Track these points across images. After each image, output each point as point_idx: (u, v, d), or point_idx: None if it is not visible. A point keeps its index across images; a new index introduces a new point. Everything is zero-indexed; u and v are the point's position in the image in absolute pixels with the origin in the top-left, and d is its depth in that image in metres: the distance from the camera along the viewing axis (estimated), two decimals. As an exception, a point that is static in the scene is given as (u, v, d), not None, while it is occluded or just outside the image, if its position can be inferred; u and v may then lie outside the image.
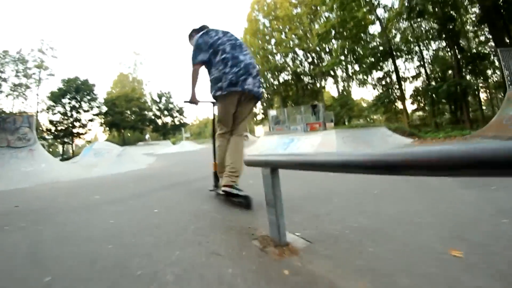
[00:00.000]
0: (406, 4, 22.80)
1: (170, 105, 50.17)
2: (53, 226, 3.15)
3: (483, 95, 31.39)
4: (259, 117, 47.79)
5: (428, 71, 29.61)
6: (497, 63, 23.92)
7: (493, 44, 22.15)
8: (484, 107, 30.72)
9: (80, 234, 2.77)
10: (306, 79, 43.94)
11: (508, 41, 20.00)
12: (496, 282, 1.33)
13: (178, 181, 6.31)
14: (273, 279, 1.48)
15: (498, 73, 25.60)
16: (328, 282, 1.41)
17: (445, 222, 2.21)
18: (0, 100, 36.34)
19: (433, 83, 27.27)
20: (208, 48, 3.30)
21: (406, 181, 3.74)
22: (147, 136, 44.21)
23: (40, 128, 38.20)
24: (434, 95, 25.39)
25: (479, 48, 26.80)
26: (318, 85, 43.10)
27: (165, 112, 50.05)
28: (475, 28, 26.79)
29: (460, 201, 2.74)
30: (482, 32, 26.75)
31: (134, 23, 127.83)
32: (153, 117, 49.03)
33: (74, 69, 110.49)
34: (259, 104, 46.07)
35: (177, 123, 50.54)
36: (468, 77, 24.25)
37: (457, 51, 23.81)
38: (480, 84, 27.76)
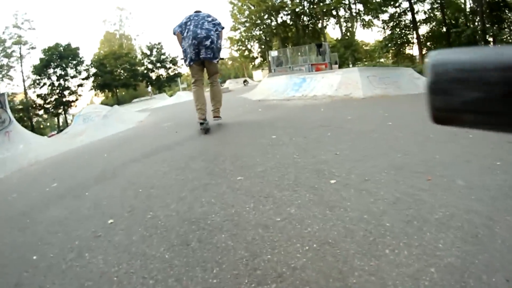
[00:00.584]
0: None
1: (163, 57, 46.88)
2: None
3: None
4: (257, 61, 45.30)
5: (439, 16, 26.99)
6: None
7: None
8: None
9: None
10: (306, 19, 40.70)
11: None
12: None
13: (164, 143, 5.01)
14: None
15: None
16: None
17: None
18: None
19: (446, 28, 24.95)
20: (182, 25, 4.89)
21: None
22: (149, 89, 41.92)
23: (31, 105, 36.41)
24: (451, 41, 23.12)
25: None
26: (319, 25, 39.93)
27: (158, 65, 46.98)
28: None
29: None
30: None
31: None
32: (145, 71, 46.31)
33: (56, 36, 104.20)
34: (256, 47, 43.49)
35: (172, 74, 47.66)
36: (488, 26, 21.73)
37: None
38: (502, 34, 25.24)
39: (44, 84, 36.54)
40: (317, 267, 1.35)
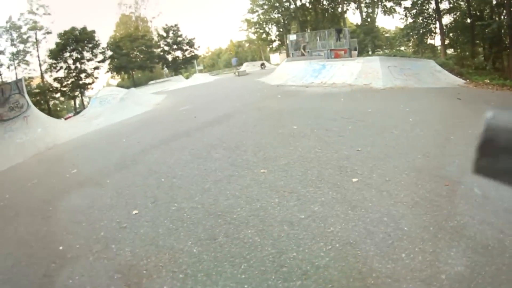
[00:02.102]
0: None
1: (179, 39, 46.67)
2: None
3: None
4: (275, 44, 44.73)
5: (464, 6, 25.91)
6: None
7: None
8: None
9: None
10: (326, 3, 39.77)
11: None
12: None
13: (182, 129, 4.99)
14: None
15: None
16: None
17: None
18: (2, 73, 34.70)
19: (470, 19, 23.97)
20: None
21: None
22: (166, 71, 42.01)
23: (48, 89, 37.16)
24: (476, 33, 21.99)
25: None
26: (339, 9, 38.99)
27: (174, 47, 47.02)
28: None
29: None
30: None
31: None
32: (161, 53, 46.39)
33: (72, 20, 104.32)
34: (274, 30, 43.11)
35: (188, 56, 47.72)
36: None
37: None
38: None
39: (61, 67, 36.76)
40: (339, 266, 1.37)
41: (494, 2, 22.53)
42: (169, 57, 45.81)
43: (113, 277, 1.51)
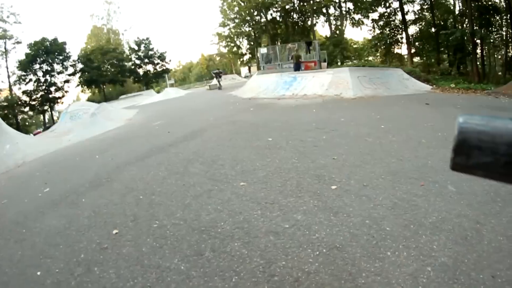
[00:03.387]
0: None
1: (150, 52, 46.13)
2: None
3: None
4: (246, 57, 45.24)
5: (429, 17, 27.33)
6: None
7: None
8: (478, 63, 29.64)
9: None
10: (296, 16, 40.79)
11: None
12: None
13: (157, 144, 4.96)
14: None
15: (500, 30, 24.00)
16: None
17: None
18: None
19: (433, 29, 25.38)
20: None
21: None
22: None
23: (17, 102, 35.53)
24: (440, 42, 23.54)
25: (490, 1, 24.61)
26: (309, 23, 40.08)
27: (146, 60, 46.27)
28: None
29: None
30: None
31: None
32: (133, 67, 45.60)
33: (43, 30, 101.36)
34: (245, 43, 43.68)
35: (160, 70, 46.98)
36: (477, 28, 22.27)
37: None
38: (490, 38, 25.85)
39: (30, 80, 35.41)
40: (329, 270, 1.42)
41: (457, 12, 23.94)
42: (140, 71, 45.34)
43: None
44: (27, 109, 36.40)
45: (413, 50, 28.42)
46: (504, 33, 23.69)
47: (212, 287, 1.39)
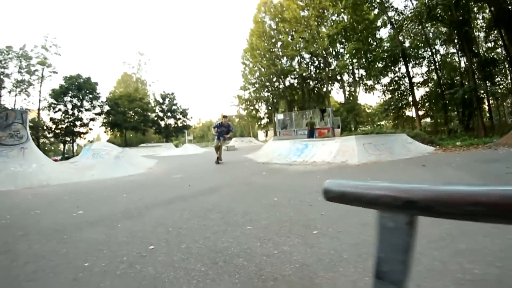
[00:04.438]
0: (423, 6, 21.75)
1: (174, 107, 48.82)
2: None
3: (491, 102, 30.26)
4: (264, 121, 47.02)
5: (436, 77, 28.63)
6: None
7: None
8: (488, 114, 29.67)
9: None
10: (312, 83, 43.09)
11: None
12: None
13: (179, 194, 5.66)
14: None
15: (505, 79, 25.03)
16: None
17: None
18: (3, 96, 35.59)
19: (440, 89, 26.47)
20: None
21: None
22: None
23: (42, 126, 37.38)
24: (447, 101, 24.52)
25: (490, 53, 25.45)
26: (324, 89, 42.23)
27: (168, 114, 48.74)
28: (485, 33, 25.82)
29: None
30: (491, 37, 25.54)
31: (139, 22, 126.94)
32: (155, 118, 48.02)
33: (77, 67, 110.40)
34: (264, 107, 45.31)
35: (180, 125, 49.25)
36: (479, 83, 22.89)
37: (471, 55, 22.59)
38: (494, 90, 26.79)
39: (59, 110, 37.94)
40: (298, 275, 2.05)
41: (463, 69, 24.88)
42: (162, 123, 47.38)
43: (141, 283, 2.06)
44: (50, 135, 38.43)
45: (423, 112, 29.17)
46: (510, 81, 24.35)
47: (222, 279, 2.05)
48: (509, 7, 18.92)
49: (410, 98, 28.81)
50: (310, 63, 41.97)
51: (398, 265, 0.55)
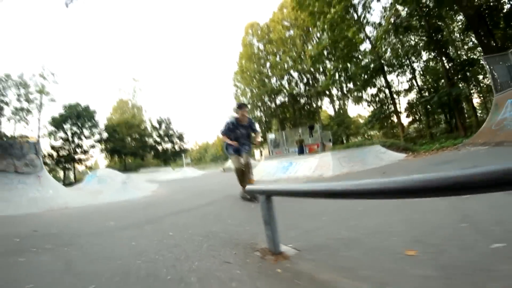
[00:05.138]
0: (392, 22, 23.43)
1: (170, 131, 50.74)
2: (78, 248, 3.60)
3: (477, 100, 30.82)
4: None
5: (421, 83, 30.06)
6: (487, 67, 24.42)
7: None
8: (479, 112, 29.54)
9: (107, 254, 3.26)
10: (303, 100, 44.60)
11: (494, 45, 20.19)
12: (437, 271, 1.82)
13: (183, 208, 6.73)
14: (270, 275, 2.10)
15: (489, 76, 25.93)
16: (309, 275, 2.01)
17: (412, 229, 2.67)
18: (2, 124, 36.76)
19: (427, 93, 27.76)
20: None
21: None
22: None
23: (44, 155, 38.49)
24: (428, 106, 25.87)
25: (468, 55, 26.95)
26: (314, 105, 43.78)
27: (165, 139, 50.55)
28: (462, 36, 27.13)
29: (431, 210, 3.25)
30: (469, 39, 26.99)
31: (133, 48, 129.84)
32: (153, 144, 49.46)
33: (74, 94, 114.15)
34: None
35: (178, 149, 50.96)
36: (460, 84, 24.30)
37: (445, 60, 24.16)
38: (472, 90, 27.67)
39: (60, 137, 39.42)
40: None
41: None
42: (160, 148, 48.60)
43: (167, 248, 3.36)
44: (49, 161, 39.48)
45: (411, 118, 30.83)
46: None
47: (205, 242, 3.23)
48: (478, 12, 20.04)
49: (390, 110, 30.32)
50: (298, 80, 43.73)
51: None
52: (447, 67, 24.15)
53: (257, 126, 7.25)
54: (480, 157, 8.62)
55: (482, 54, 22.45)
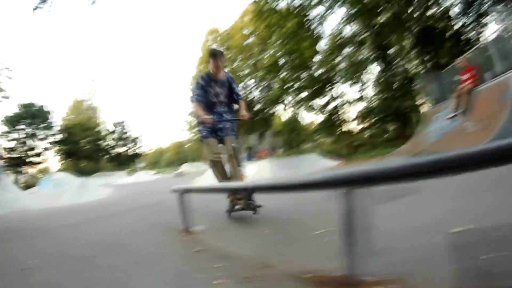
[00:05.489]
0: (338, 39, 25.43)
1: (125, 135, 50.38)
2: (56, 235, 4.59)
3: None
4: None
5: (373, 93, 31.48)
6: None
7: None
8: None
9: (78, 236, 4.46)
10: (257, 107, 45.96)
11: (437, 62, 21.43)
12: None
13: (136, 206, 7.73)
14: (178, 241, 3.46)
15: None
16: (202, 241, 3.14)
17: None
18: None
19: (376, 103, 29.52)
20: None
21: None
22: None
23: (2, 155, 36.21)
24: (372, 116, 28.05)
25: (415, 70, 27.86)
26: (269, 112, 45.22)
27: (120, 143, 50.08)
28: (410, 53, 28.24)
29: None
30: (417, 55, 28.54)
31: (92, 47, 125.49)
32: (108, 147, 48.93)
33: (28, 91, 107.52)
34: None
35: (132, 153, 50.61)
36: (404, 97, 26.01)
37: (390, 74, 26.56)
38: (417, 102, 28.72)
39: (14, 139, 37.61)
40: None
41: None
42: (114, 152, 48.00)
43: (120, 227, 4.81)
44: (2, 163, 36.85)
45: (364, 125, 31.96)
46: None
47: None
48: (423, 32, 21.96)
49: (347, 115, 32.24)
50: (254, 87, 44.98)
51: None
52: (393, 81, 26.49)
53: (236, 87, 4.52)
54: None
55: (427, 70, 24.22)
